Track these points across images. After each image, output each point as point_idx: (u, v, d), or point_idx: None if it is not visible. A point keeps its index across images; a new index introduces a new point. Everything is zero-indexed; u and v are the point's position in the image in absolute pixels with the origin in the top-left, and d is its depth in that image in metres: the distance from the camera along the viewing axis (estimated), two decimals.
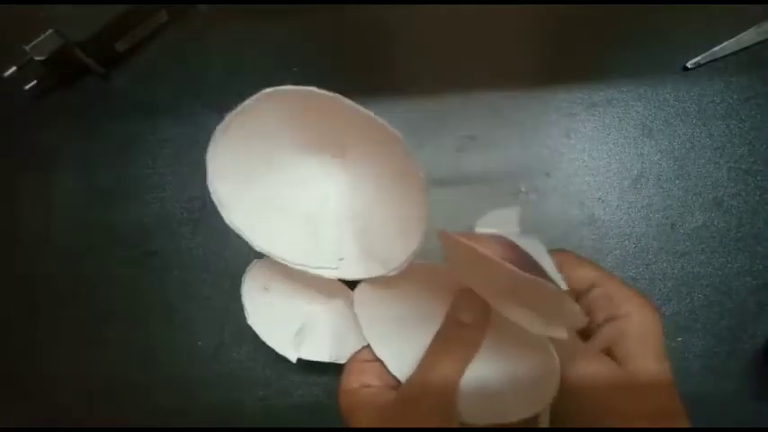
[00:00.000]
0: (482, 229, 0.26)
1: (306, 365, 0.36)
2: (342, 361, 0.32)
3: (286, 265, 0.30)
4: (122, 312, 0.37)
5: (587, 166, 0.37)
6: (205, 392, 0.37)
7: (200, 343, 0.37)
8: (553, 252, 0.26)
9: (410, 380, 0.27)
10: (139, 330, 0.37)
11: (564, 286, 0.21)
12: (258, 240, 0.29)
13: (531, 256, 0.22)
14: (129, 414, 0.37)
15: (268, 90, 0.25)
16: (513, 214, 0.26)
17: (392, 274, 0.28)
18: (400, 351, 0.29)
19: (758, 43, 0.38)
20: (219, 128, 0.26)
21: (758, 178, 0.37)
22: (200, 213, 0.38)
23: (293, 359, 0.32)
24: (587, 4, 0.38)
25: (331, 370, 0.36)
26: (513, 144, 0.38)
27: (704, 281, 0.36)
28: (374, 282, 0.30)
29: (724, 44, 0.37)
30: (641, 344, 0.24)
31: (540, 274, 0.21)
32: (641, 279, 0.36)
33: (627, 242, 0.37)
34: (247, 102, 0.25)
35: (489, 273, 0.23)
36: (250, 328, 0.36)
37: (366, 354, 0.31)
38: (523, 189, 0.37)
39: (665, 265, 0.36)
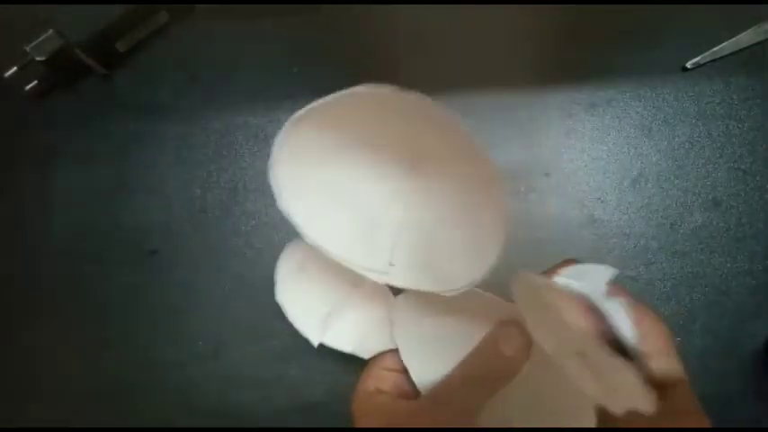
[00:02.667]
0: (565, 279, 0.24)
1: (306, 365, 0.36)
2: (363, 355, 0.31)
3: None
4: (122, 312, 0.37)
5: (587, 166, 0.38)
6: (205, 392, 0.37)
7: (200, 343, 0.37)
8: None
9: (432, 393, 0.27)
10: (139, 330, 0.37)
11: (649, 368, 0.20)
12: (311, 232, 0.28)
13: (612, 327, 0.21)
14: (130, 414, 0.37)
15: (359, 87, 0.24)
16: (605, 274, 0.24)
17: (448, 294, 0.27)
18: (429, 363, 0.29)
19: (758, 43, 0.38)
20: (293, 118, 0.25)
21: (757, 178, 0.37)
22: (201, 213, 0.38)
23: (315, 343, 0.32)
24: (587, 4, 0.38)
25: (332, 370, 0.36)
26: (512, 144, 0.38)
27: (703, 281, 0.36)
28: (420, 292, 0.29)
29: (723, 44, 0.37)
30: (665, 366, 0.22)
31: (616, 346, 0.20)
32: (640, 279, 0.36)
33: (626, 242, 0.37)
34: (331, 96, 0.24)
35: (562, 330, 0.22)
36: (250, 328, 0.37)
37: (389, 362, 0.31)
38: (523, 189, 0.37)
39: (664, 264, 0.36)
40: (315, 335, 0.32)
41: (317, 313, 0.32)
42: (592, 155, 0.38)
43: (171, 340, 0.37)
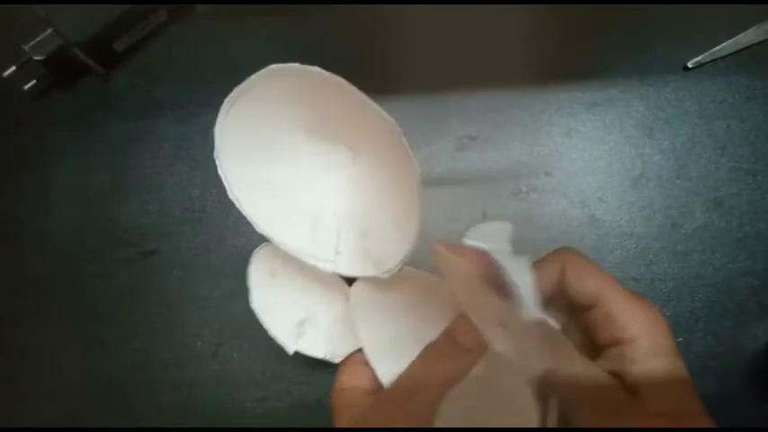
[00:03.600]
0: (470, 241, 0.24)
1: (306, 365, 0.36)
2: (336, 360, 0.31)
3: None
4: (122, 312, 0.37)
5: (588, 165, 0.37)
6: (205, 392, 0.37)
7: (199, 343, 0.37)
8: (559, 252, 0.25)
9: (394, 384, 0.27)
10: (139, 330, 0.37)
11: (537, 316, 0.20)
12: (259, 221, 0.29)
13: (513, 281, 0.20)
14: (129, 414, 0.37)
15: (274, 66, 0.24)
16: (505, 229, 0.24)
17: (385, 276, 0.28)
18: (391, 358, 0.29)
19: (759, 43, 0.38)
20: (226, 101, 0.26)
21: (759, 178, 0.37)
22: (200, 213, 0.38)
23: (290, 351, 0.32)
24: (587, 4, 0.38)
25: (331, 370, 0.36)
26: (513, 143, 0.38)
27: (705, 281, 0.36)
28: (371, 284, 0.30)
29: (725, 44, 0.37)
30: (653, 369, 0.22)
31: (515, 300, 0.20)
32: (642, 279, 0.36)
33: (627, 242, 0.37)
34: (253, 77, 0.25)
35: (481, 296, 0.22)
36: (250, 328, 0.36)
37: (362, 356, 0.30)
38: (524, 189, 0.37)
39: (665, 265, 0.36)
40: (289, 342, 0.32)
41: (291, 319, 0.32)
42: (593, 154, 0.38)
43: (170, 340, 0.37)
